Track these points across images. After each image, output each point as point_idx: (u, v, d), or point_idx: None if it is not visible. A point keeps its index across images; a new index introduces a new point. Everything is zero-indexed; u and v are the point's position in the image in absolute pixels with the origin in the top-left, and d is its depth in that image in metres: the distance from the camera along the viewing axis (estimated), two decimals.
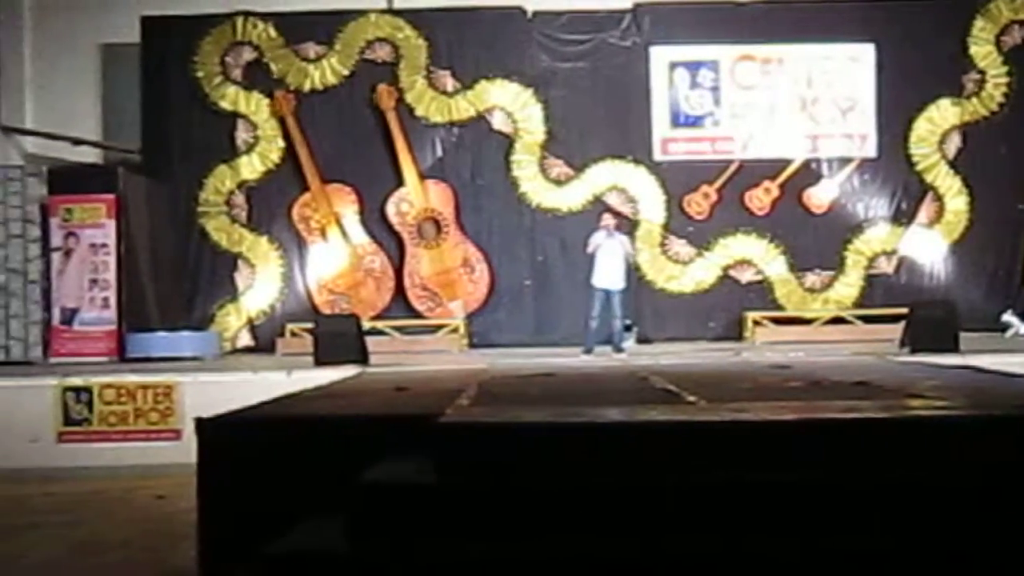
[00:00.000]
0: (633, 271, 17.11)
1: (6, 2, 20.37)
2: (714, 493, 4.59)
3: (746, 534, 4.47)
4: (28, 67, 20.47)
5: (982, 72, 19.53)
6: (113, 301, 17.13)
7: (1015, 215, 19.48)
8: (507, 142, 19.71)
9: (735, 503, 4.56)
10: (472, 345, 18.98)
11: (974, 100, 19.53)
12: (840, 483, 4.63)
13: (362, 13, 19.88)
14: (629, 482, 4.67)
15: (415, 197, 19.47)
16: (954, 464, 4.76)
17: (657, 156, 19.69)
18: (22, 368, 15.76)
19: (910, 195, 19.62)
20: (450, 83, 19.78)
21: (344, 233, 19.52)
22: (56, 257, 17.10)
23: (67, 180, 17.76)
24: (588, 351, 15.71)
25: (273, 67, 19.78)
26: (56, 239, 17.11)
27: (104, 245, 17.17)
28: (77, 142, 19.86)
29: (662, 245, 19.56)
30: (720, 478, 4.67)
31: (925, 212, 19.57)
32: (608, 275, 16.10)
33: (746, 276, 19.62)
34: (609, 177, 19.61)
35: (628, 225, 19.13)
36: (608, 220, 16.65)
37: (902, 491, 4.57)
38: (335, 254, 19.53)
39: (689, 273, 19.61)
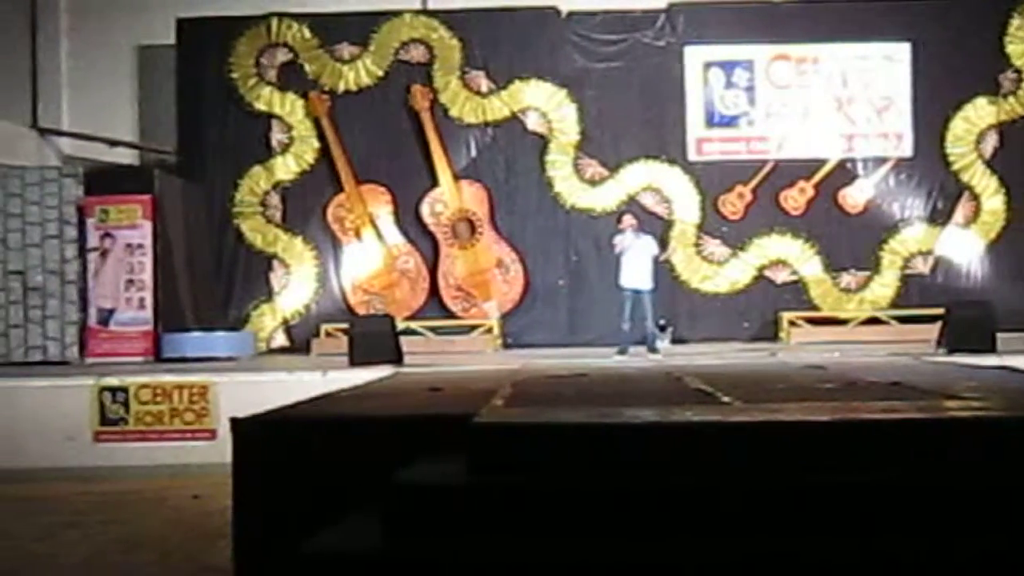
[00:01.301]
0: (659, 271, 17.01)
1: (43, 5, 20.51)
2: (749, 495, 4.58)
3: (780, 536, 4.45)
4: (65, 69, 20.62)
5: (1019, 71, 19.39)
6: (149, 301, 17.20)
7: None
8: (541, 142, 19.70)
9: (771, 504, 4.55)
10: (506, 345, 19.00)
11: (1011, 99, 19.39)
12: (876, 484, 4.60)
13: (396, 14, 19.91)
14: (663, 483, 4.66)
15: (449, 197, 19.49)
16: (992, 466, 4.73)
17: (692, 156, 19.65)
18: (59, 368, 15.83)
19: (946, 194, 19.51)
20: (484, 83, 19.79)
21: (378, 233, 19.55)
22: (92, 258, 17.18)
23: (103, 181, 17.85)
24: (622, 351, 15.69)
25: (307, 68, 19.84)
26: (92, 240, 17.19)
27: (140, 246, 17.24)
28: (113, 143, 19.98)
29: (696, 245, 19.51)
30: (755, 479, 4.65)
31: (961, 211, 19.45)
32: (635, 276, 16.06)
33: (781, 276, 19.55)
34: (643, 177, 19.57)
35: (662, 225, 19.12)
36: (630, 221, 16.59)
37: (938, 493, 4.55)
38: (369, 254, 19.57)
39: (724, 273, 19.55)
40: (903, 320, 18.65)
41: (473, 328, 19.23)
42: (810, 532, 4.45)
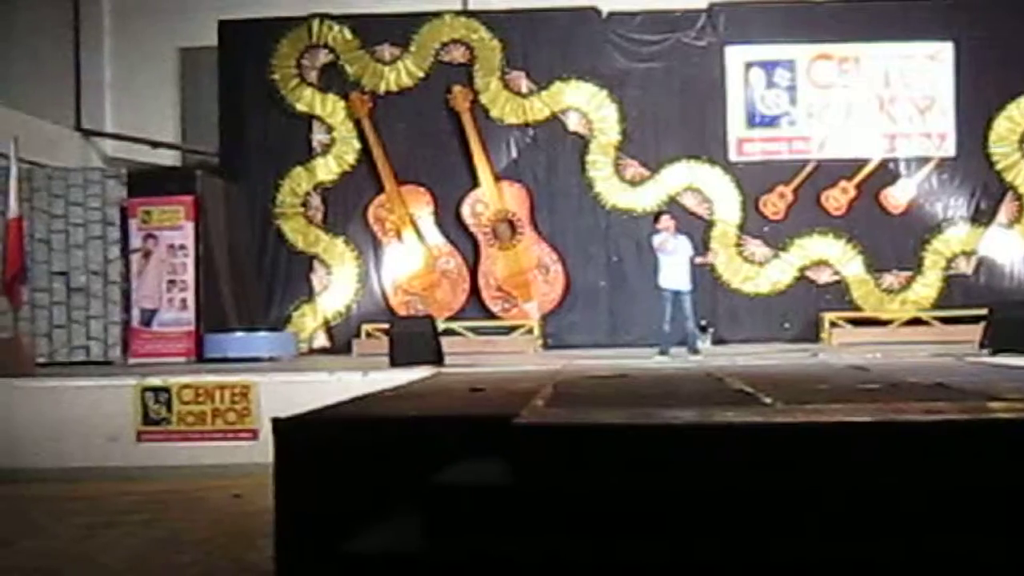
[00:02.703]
0: (699, 272, 16.95)
1: (86, 7, 20.67)
2: (791, 497, 4.56)
3: (824, 539, 4.43)
4: (108, 71, 20.79)
5: None
6: (191, 302, 17.28)
7: None
8: (582, 143, 19.69)
9: (815, 507, 4.53)
10: (546, 346, 19.00)
11: None
12: (920, 486, 4.58)
13: (437, 15, 19.94)
14: (704, 484, 4.65)
15: (490, 198, 19.51)
16: None
17: (732, 156, 19.60)
18: (102, 368, 15.92)
19: (989, 194, 19.39)
20: (525, 84, 19.79)
21: (419, 234, 19.59)
22: (135, 259, 17.27)
23: (146, 182, 17.94)
24: (663, 352, 15.63)
25: (348, 69, 19.89)
26: (135, 241, 17.29)
27: (182, 247, 17.32)
28: (156, 145, 20.12)
29: (738, 246, 19.46)
30: (797, 481, 4.64)
31: (1005, 212, 19.33)
32: (674, 277, 15.99)
33: (823, 277, 19.48)
34: (684, 178, 19.54)
35: (703, 226, 19.09)
36: (667, 222, 16.47)
37: (983, 495, 4.52)
38: (410, 255, 19.61)
39: (765, 274, 19.49)
40: (946, 321, 18.54)
41: (513, 329, 19.25)
42: (854, 535, 4.43)
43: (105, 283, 17.11)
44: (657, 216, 17.11)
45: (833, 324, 18.77)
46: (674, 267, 15.98)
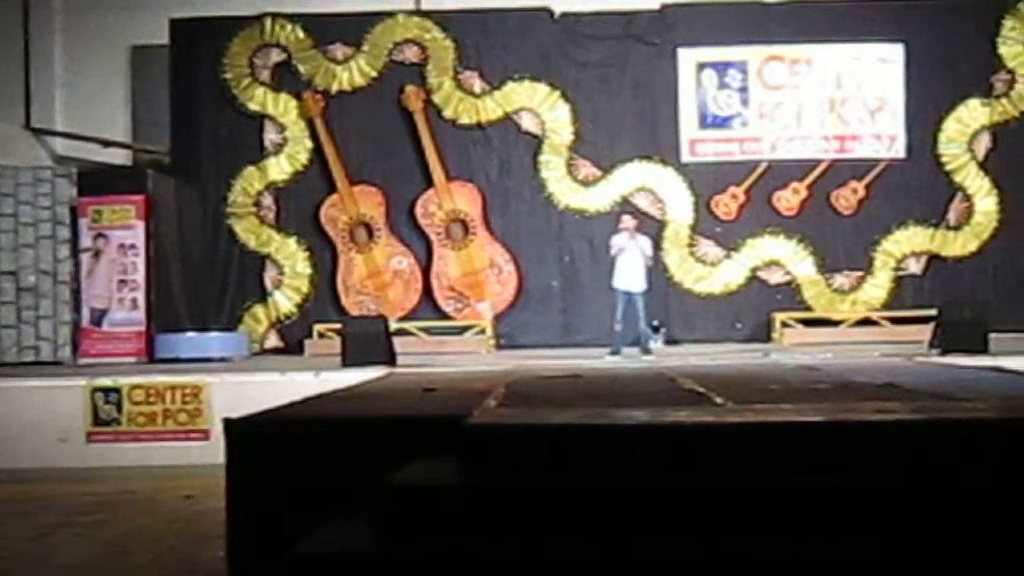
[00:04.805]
0: (654, 273, 17.04)
1: (37, 4, 20.49)
2: (741, 495, 4.59)
3: (772, 536, 4.46)
4: (58, 69, 20.62)
5: (1011, 72, 19.40)
6: (142, 302, 17.22)
7: None
8: (535, 143, 19.71)
9: (763, 505, 4.55)
10: (499, 346, 19.00)
11: (1004, 100, 19.39)
12: (868, 485, 4.61)
13: (390, 15, 19.91)
14: (656, 483, 4.67)
15: (443, 198, 19.48)
16: (984, 466, 4.74)
17: (685, 157, 19.66)
18: (51, 369, 15.84)
19: (939, 196, 19.51)
20: (478, 84, 19.79)
21: (372, 234, 19.54)
22: (85, 258, 17.19)
23: (96, 181, 17.84)
24: (615, 352, 15.67)
25: (301, 68, 19.83)
26: (85, 240, 17.20)
27: (133, 246, 17.25)
28: (106, 143, 19.98)
29: (690, 246, 19.51)
30: (747, 480, 4.66)
31: (954, 213, 19.46)
32: (629, 277, 16.04)
33: (774, 277, 19.56)
34: (637, 178, 19.58)
35: (656, 226, 19.14)
36: (628, 222, 16.53)
37: (933, 494, 4.56)
38: (363, 255, 19.56)
39: (717, 274, 19.56)
40: (896, 321, 18.66)
41: (466, 329, 19.24)
42: (802, 532, 4.46)
43: (55, 283, 17.02)
44: (619, 216, 17.17)
45: (784, 324, 18.86)
46: (630, 268, 16.01)
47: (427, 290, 19.61)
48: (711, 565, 4.35)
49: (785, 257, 19.51)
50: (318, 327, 19.11)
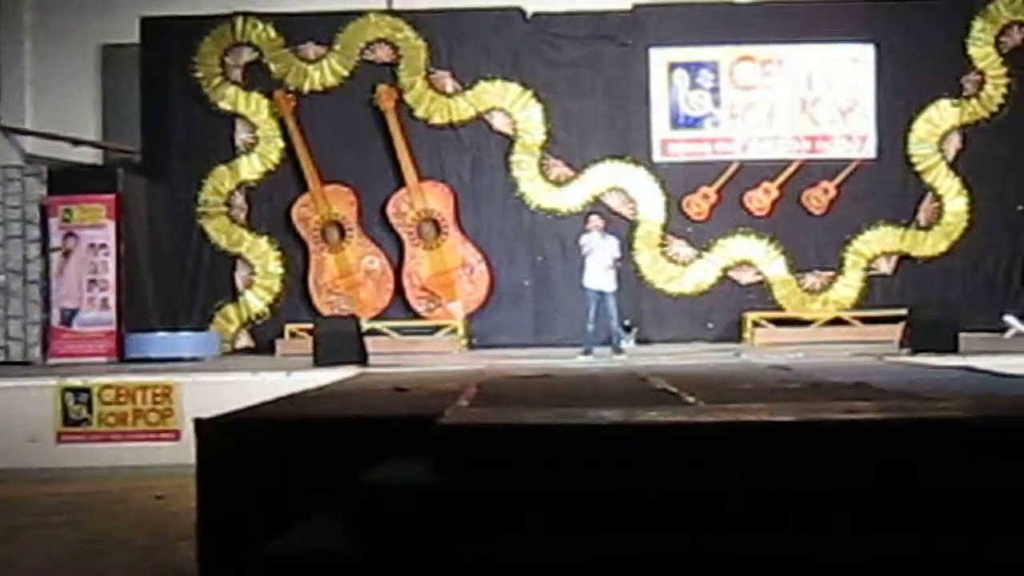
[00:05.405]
0: (625, 272, 17.08)
1: (6, 2, 20.37)
2: (712, 494, 4.60)
3: (744, 534, 4.47)
4: (28, 67, 20.49)
5: (981, 73, 19.50)
6: (112, 302, 17.16)
7: (1014, 216, 19.44)
8: (507, 143, 19.71)
9: (734, 504, 4.56)
10: (471, 346, 19.00)
11: (973, 101, 19.49)
12: (839, 484, 4.63)
13: (362, 14, 19.88)
14: (628, 483, 4.67)
15: (414, 198, 19.46)
16: (953, 466, 4.76)
17: (657, 157, 19.69)
18: (21, 369, 15.78)
19: (909, 196, 19.59)
20: (450, 84, 19.78)
21: (343, 234, 19.51)
22: (55, 257, 17.12)
23: (67, 180, 17.78)
24: (587, 352, 15.69)
25: (273, 67, 19.79)
26: (56, 239, 17.13)
27: (103, 245, 17.19)
28: (77, 142, 19.88)
29: (662, 246, 19.54)
30: (719, 479, 4.67)
31: (924, 213, 19.54)
32: (599, 277, 16.06)
33: (746, 277, 19.61)
34: (609, 178, 19.61)
35: (628, 226, 19.17)
36: (596, 222, 16.56)
37: (902, 493, 4.57)
38: (335, 255, 19.52)
39: (689, 274, 19.59)
40: (867, 321, 18.74)
41: (438, 328, 19.23)
42: (773, 531, 4.47)
43: (25, 282, 16.94)
44: (587, 216, 17.18)
45: (756, 324, 18.91)
46: (600, 267, 16.04)
47: (399, 290, 19.59)
48: (682, 564, 4.36)
49: (756, 257, 19.56)
50: (290, 327, 19.07)
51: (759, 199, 19.51)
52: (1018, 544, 4.36)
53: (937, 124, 19.49)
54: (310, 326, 16.66)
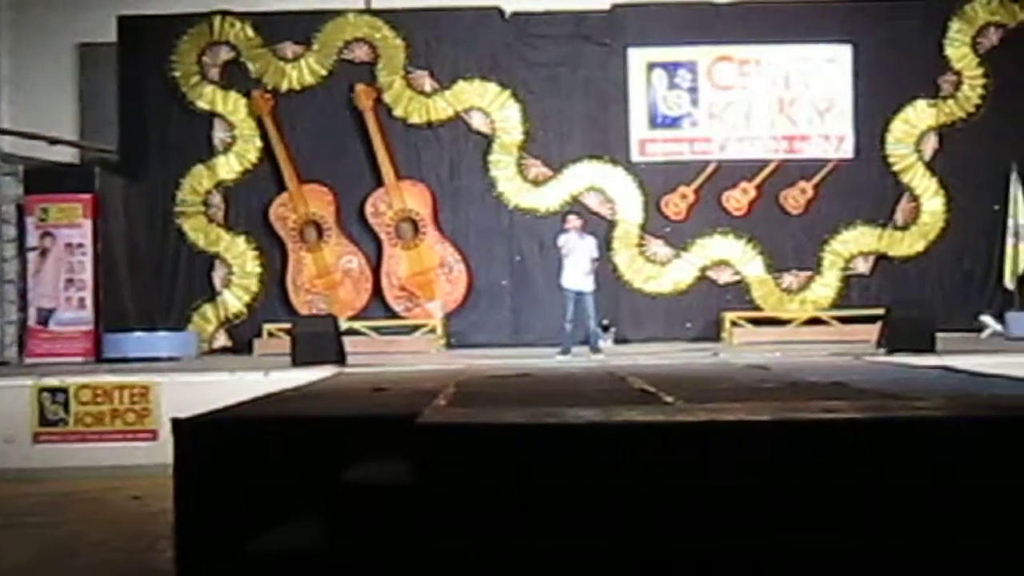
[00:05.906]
0: (603, 272, 17.10)
1: None
2: (691, 494, 4.60)
3: (723, 535, 4.47)
4: (4, 66, 20.42)
5: (958, 74, 19.55)
6: (90, 301, 17.10)
7: (991, 216, 19.45)
8: (485, 142, 19.69)
9: (712, 504, 4.57)
10: (449, 345, 18.96)
11: (950, 102, 19.53)
12: (817, 484, 4.64)
13: (340, 13, 19.83)
14: (606, 483, 4.67)
15: (392, 197, 19.44)
16: (931, 465, 4.77)
17: (635, 157, 19.69)
18: None
19: (887, 196, 19.63)
20: (428, 83, 19.74)
21: (321, 233, 19.48)
22: (32, 257, 17.06)
23: (43, 179, 17.72)
24: (565, 352, 15.68)
25: (251, 67, 19.73)
26: (32, 239, 17.08)
27: (81, 245, 17.13)
28: (54, 141, 19.78)
29: (640, 246, 19.55)
30: (697, 479, 4.67)
31: (902, 213, 19.58)
32: (577, 276, 16.05)
33: (724, 277, 19.62)
34: (587, 178, 19.60)
35: (606, 226, 19.18)
36: (574, 222, 16.54)
37: (878, 492, 4.59)
38: (312, 254, 19.49)
39: (667, 274, 19.60)
40: (844, 320, 18.76)
41: (416, 328, 19.20)
42: (752, 531, 4.48)
43: (1, 282, 16.91)
44: (565, 216, 17.17)
45: (734, 324, 18.93)
46: (577, 267, 16.03)
47: (377, 289, 19.56)
48: (660, 564, 4.36)
49: (734, 257, 19.57)
50: (268, 326, 19.01)
51: (737, 199, 19.53)
52: (995, 541, 4.38)
53: (914, 124, 19.54)
54: (288, 326, 16.65)
